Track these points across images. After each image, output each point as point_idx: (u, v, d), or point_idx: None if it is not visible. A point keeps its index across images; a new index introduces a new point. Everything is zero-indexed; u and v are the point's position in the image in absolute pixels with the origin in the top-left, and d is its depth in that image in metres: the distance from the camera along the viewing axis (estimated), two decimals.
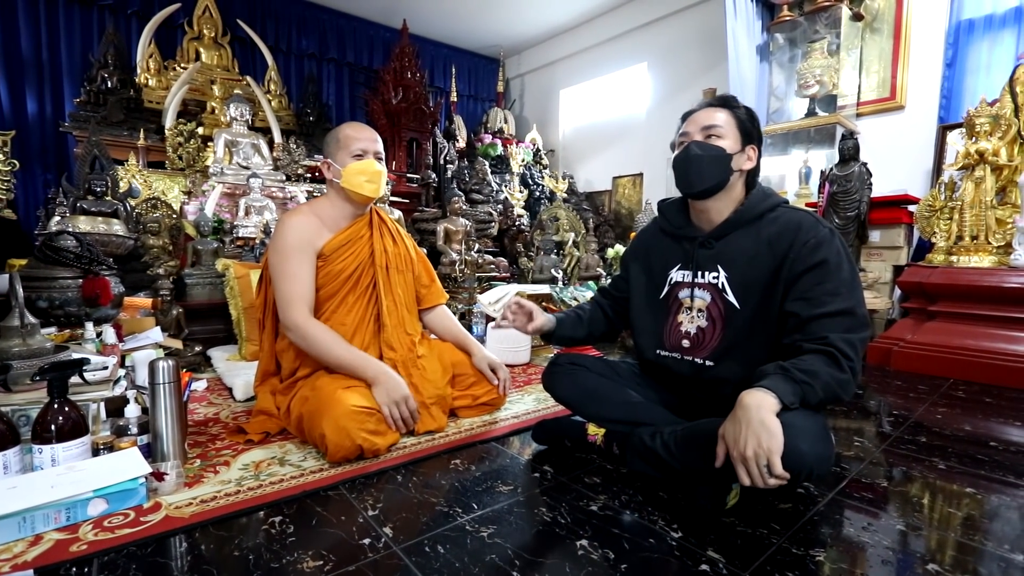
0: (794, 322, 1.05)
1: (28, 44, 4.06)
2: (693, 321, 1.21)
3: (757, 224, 1.15)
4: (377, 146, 1.53)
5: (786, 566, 0.90)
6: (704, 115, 1.18)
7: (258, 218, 2.86)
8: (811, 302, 1.03)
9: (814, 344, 1.00)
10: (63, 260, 1.65)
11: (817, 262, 1.04)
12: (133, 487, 1.06)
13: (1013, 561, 0.94)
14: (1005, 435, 1.62)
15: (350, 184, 1.48)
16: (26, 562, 0.88)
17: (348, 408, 1.26)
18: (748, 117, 1.18)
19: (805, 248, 1.06)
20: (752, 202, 1.17)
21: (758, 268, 1.12)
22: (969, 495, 1.21)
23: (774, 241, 1.11)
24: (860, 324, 1.02)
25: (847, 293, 1.03)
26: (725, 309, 1.16)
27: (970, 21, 3.17)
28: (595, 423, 1.35)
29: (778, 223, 1.12)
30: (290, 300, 1.43)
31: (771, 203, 1.16)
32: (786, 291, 1.08)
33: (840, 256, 1.06)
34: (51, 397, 1.10)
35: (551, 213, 4.24)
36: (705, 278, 1.19)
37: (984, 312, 2.36)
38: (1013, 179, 2.48)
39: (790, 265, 1.07)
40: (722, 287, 1.16)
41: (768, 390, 0.94)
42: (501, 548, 0.94)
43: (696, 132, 1.17)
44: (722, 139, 1.15)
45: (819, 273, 1.04)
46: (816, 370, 0.97)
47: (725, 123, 1.16)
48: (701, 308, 1.20)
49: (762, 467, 0.89)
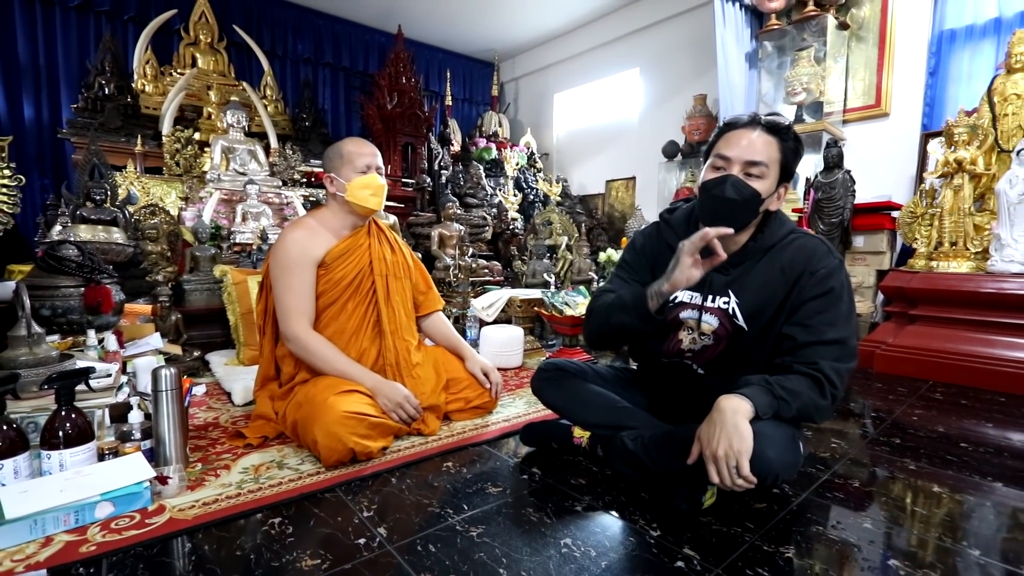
0: (788, 345, 1.10)
1: (25, 50, 4.08)
2: (696, 342, 1.22)
3: (771, 252, 1.15)
4: (379, 160, 1.60)
5: (756, 562, 0.96)
6: (751, 145, 1.09)
7: (255, 224, 2.90)
8: (809, 329, 1.08)
9: (804, 367, 1.06)
10: (66, 269, 1.69)
11: (823, 292, 1.08)
12: (138, 490, 1.11)
13: (969, 556, 1.00)
14: (976, 436, 1.68)
15: (355, 197, 1.54)
16: (39, 562, 0.93)
17: (339, 414, 1.31)
18: (794, 150, 1.12)
19: (815, 277, 1.09)
20: (770, 231, 1.17)
21: (770, 294, 1.13)
22: (935, 494, 1.27)
23: (787, 268, 1.12)
24: (850, 354, 1.08)
25: (843, 324, 1.08)
26: (733, 331, 1.17)
27: (952, 31, 3.26)
28: (581, 427, 1.41)
29: (790, 249, 1.14)
30: (290, 312, 1.49)
31: (786, 231, 1.17)
32: (789, 314, 1.11)
33: (843, 287, 1.10)
34: (58, 405, 1.15)
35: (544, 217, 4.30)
36: (716, 303, 1.18)
37: (962, 316, 2.43)
38: (990, 187, 2.56)
39: (799, 292, 1.10)
40: (732, 312, 1.16)
41: (746, 398, 1.01)
42: (490, 547, 1.00)
43: (737, 164, 1.09)
44: (762, 179, 1.09)
45: (823, 302, 1.08)
46: (799, 391, 1.03)
47: (770, 160, 1.09)
48: (707, 332, 1.20)
49: (731, 467, 0.95)
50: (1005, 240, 2.38)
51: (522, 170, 5.75)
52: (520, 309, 2.93)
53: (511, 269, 4.15)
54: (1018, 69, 2.59)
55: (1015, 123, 2.58)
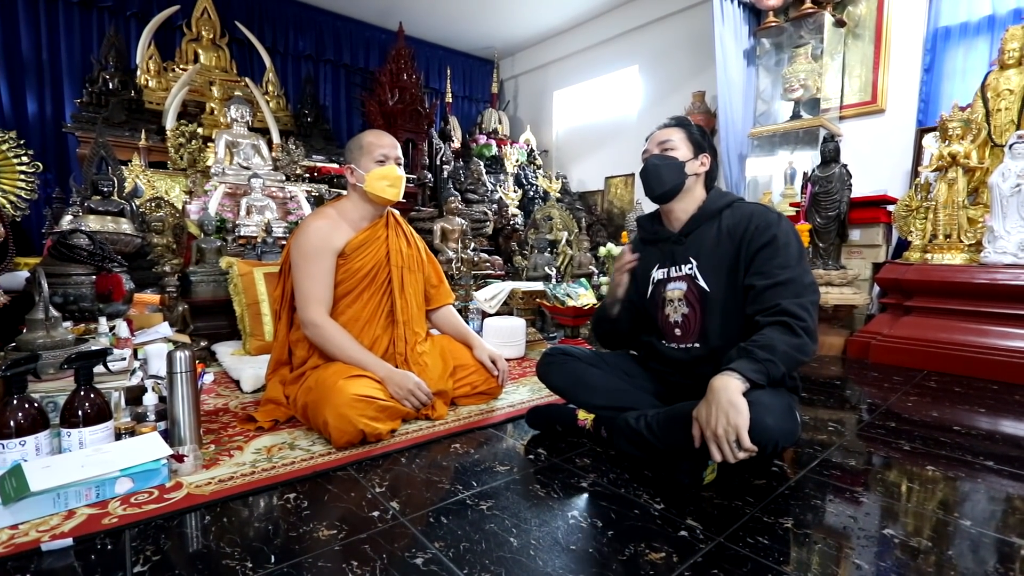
0: (752, 294, 1.20)
1: (28, 45, 4.10)
2: (677, 311, 1.35)
3: (718, 218, 1.32)
4: (397, 152, 1.63)
5: (757, 532, 1.00)
6: (660, 134, 1.38)
7: (259, 217, 2.93)
8: (764, 275, 1.19)
9: (769, 315, 1.14)
10: (77, 257, 1.72)
11: (767, 240, 1.20)
12: (156, 467, 1.15)
13: (961, 526, 1.04)
14: (968, 421, 1.73)
15: (373, 188, 1.57)
16: (63, 532, 0.96)
17: (349, 396, 1.35)
18: (699, 132, 1.38)
19: (757, 231, 1.23)
20: (711, 200, 1.35)
21: (722, 253, 1.28)
22: (929, 472, 1.32)
23: (732, 229, 1.28)
24: (807, 288, 1.17)
25: (795, 265, 1.18)
26: (699, 293, 1.30)
27: (947, 28, 3.30)
28: (585, 409, 1.45)
29: (735, 214, 1.30)
30: (309, 299, 1.53)
31: (728, 200, 1.34)
32: (746, 269, 1.23)
33: (788, 235, 1.22)
34: (78, 384, 1.18)
35: (545, 212, 4.33)
36: (681, 270, 1.34)
37: (956, 307, 2.48)
38: (984, 180, 2.61)
39: (747, 246, 1.23)
40: (694, 275, 1.31)
41: (734, 372, 1.06)
42: (499, 519, 1.04)
43: (654, 147, 1.37)
44: (675, 150, 1.33)
45: (770, 250, 1.20)
46: (773, 344, 1.09)
47: (677, 138, 1.35)
48: (680, 298, 1.34)
49: (731, 442, 1.00)
50: (998, 232, 2.42)
51: (522, 167, 5.79)
52: (522, 301, 2.97)
53: (511, 264, 4.19)
54: (1011, 65, 2.64)
55: (1007, 118, 2.63)
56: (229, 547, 0.93)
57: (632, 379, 1.42)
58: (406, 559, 0.89)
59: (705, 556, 0.91)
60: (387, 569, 0.87)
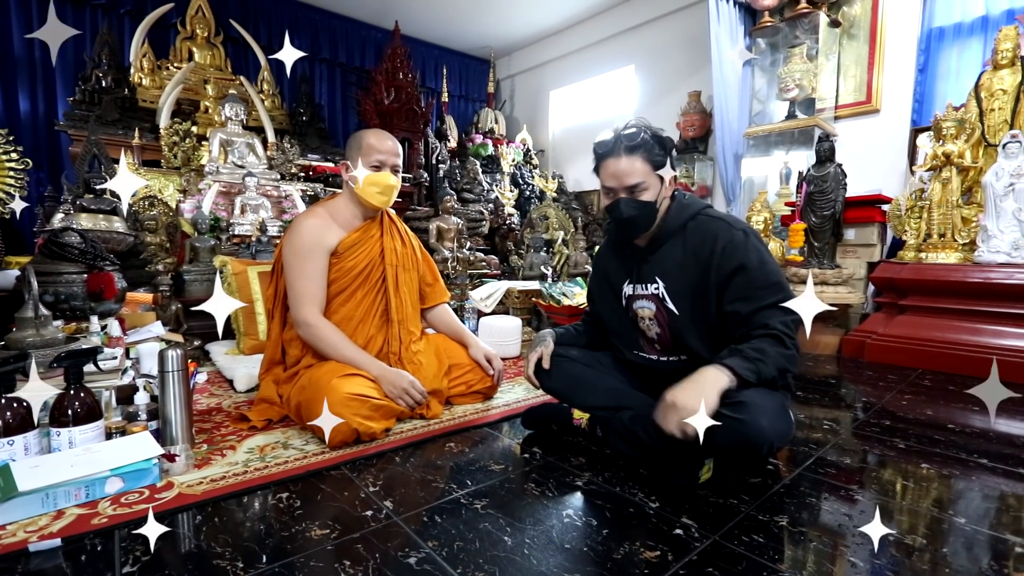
0: (738, 319, 1.18)
1: (20, 43, 4.06)
2: (650, 329, 1.34)
3: (683, 234, 1.26)
4: (396, 159, 1.60)
5: (752, 530, 0.99)
6: (622, 171, 1.22)
7: (254, 216, 2.91)
8: (748, 300, 1.16)
9: (759, 331, 1.13)
10: (68, 256, 1.70)
11: (739, 265, 1.16)
12: (147, 467, 1.13)
13: (955, 524, 1.04)
14: (962, 419, 1.73)
15: (363, 192, 1.56)
16: (52, 533, 0.95)
17: (342, 395, 1.34)
18: (659, 150, 1.22)
19: (724, 253, 1.18)
20: (673, 215, 1.27)
21: (688, 278, 1.24)
22: (923, 470, 1.32)
23: (698, 250, 1.22)
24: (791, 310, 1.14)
25: (776, 286, 1.16)
26: (668, 315, 1.28)
27: (940, 29, 3.32)
28: (581, 409, 1.44)
29: (699, 232, 1.24)
30: (301, 298, 1.52)
31: (690, 212, 1.27)
32: (719, 294, 1.19)
33: (760, 254, 1.18)
34: (67, 383, 1.17)
35: (541, 212, 4.33)
36: (648, 289, 1.30)
37: (950, 306, 2.49)
38: (978, 180, 2.62)
39: (716, 272, 1.18)
40: (662, 296, 1.27)
41: (725, 367, 1.07)
42: (493, 518, 1.03)
43: (621, 190, 1.23)
44: (647, 191, 1.22)
45: (746, 275, 1.16)
46: (765, 348, 1.10)
47: (644, 174, 1.21)
48: (651, 316, 1.31)
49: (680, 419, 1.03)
50: (991, 231, 2.43)
51: (518, 166, 5.78)
52: (518, 300, 2.96)
53: (508, 263, 4.19)
54: (1004, 65, 2.65)
55: (1001, 118, 2.64)
56: (220, 547, 0.92)
57: (627, 377, 1.42)
58: (399, 558, 0.89)
59: (700, 555, 0.91)
60: (380, 569, 0.86)
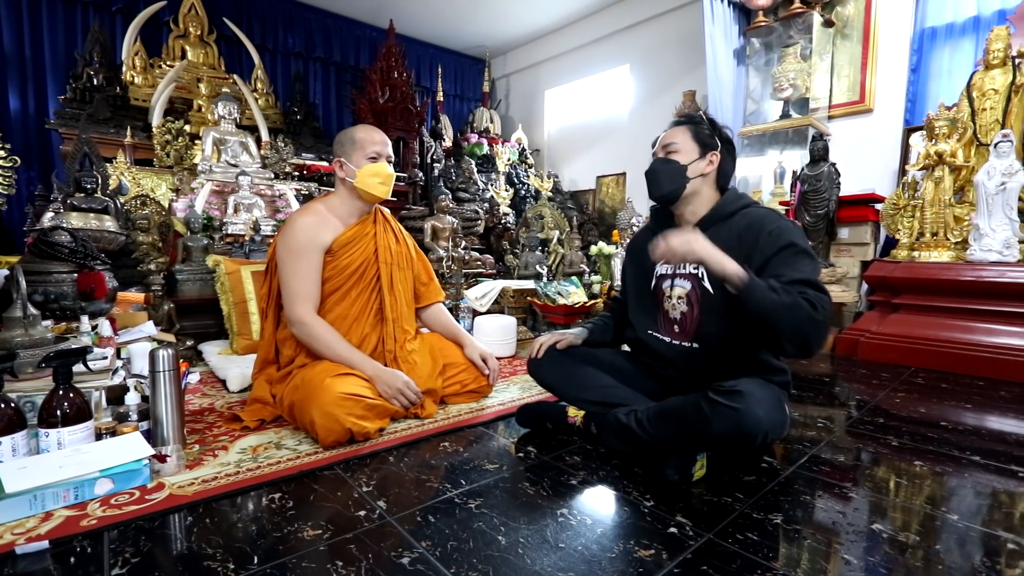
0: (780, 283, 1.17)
1: (10, 41, 4.02)
2: (676, 308, 1.34)
3: (730, 221, 1.29)
4: (389, 149, 1.61)
5: (746, 528, 0.99)
6: (667, 135, 1.36)
7: (247, 215, 2.89)
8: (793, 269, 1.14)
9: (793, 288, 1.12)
10: (58, 255, 1.68)
11: (785, 244, 1.18)
12: (137, 468, 1.12)
13: (948, 521, 1.05)
14: (955, 417, 1.74)
15: (363, 185, 1.55)
16: (39, 535, 0.93)
17: (336, 395, 1.33)
18: (710, 129, 1.34)
19: (771, 236, 1.20)
20: (725, 201, 1.33)
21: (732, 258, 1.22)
22: (916, 468, 1.32)
23: (744, 234, 1.25)
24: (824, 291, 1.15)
25: (811, 272, 1.16)
26: (702, 295, 1.29)
27: (933, 29, 3.34)
28: (575, 405, 1.44)
29: (747, 218, 1.27)
30: (295, 297, 1.50)
31: (742, 203, 1.32)
32: (761, 268, 1.18)
33: (807, 244, 1.21)
34: (56, 384, 1.15)
35: (536, 211, 4.32)
36: (686, 268, 1.33)
37: (943, 304, 2.50)
38: (969, 179, 2.63)
39: (760, 253, 1.20)
40: (701, 276, 1.29)
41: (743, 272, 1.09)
42: (488, 517, 1.02)
43: (659, 149, 1.36)
44: (678, 153, 1.32)
45: (786, 254, 1.17)
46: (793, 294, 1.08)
47: (682, 139, 1.32)
48: (681, 296, 1.33)
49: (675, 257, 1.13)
50: (983, 230, 2.45)
51: (513, 166, 5.77)
52: (513, 299, 2.96)
53: (503, 263, 4.18)
54: (995, 65, 2.67)
55: (992, 117, 2.66)
56: (211, 548, 0.91)
57: (623, 376, 1.42)
58: (392, 559, 0.88)
59: (695, 553, 0.91)
60: (373, 569, 0.85)
